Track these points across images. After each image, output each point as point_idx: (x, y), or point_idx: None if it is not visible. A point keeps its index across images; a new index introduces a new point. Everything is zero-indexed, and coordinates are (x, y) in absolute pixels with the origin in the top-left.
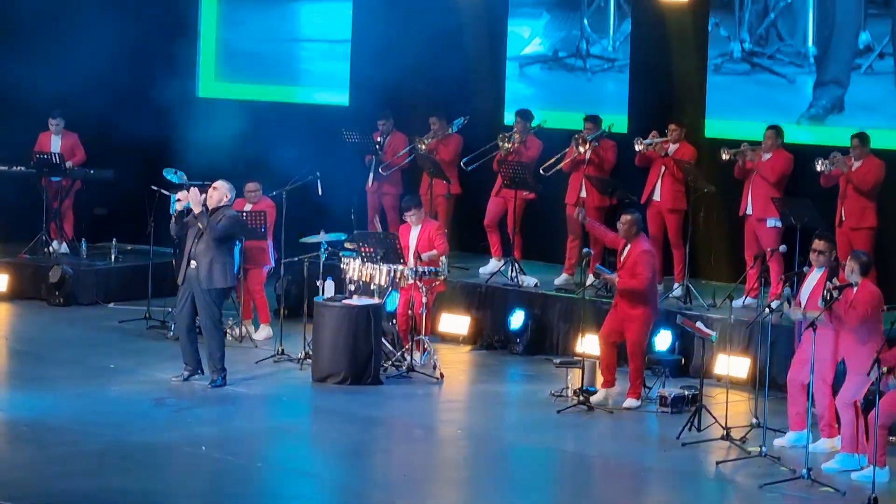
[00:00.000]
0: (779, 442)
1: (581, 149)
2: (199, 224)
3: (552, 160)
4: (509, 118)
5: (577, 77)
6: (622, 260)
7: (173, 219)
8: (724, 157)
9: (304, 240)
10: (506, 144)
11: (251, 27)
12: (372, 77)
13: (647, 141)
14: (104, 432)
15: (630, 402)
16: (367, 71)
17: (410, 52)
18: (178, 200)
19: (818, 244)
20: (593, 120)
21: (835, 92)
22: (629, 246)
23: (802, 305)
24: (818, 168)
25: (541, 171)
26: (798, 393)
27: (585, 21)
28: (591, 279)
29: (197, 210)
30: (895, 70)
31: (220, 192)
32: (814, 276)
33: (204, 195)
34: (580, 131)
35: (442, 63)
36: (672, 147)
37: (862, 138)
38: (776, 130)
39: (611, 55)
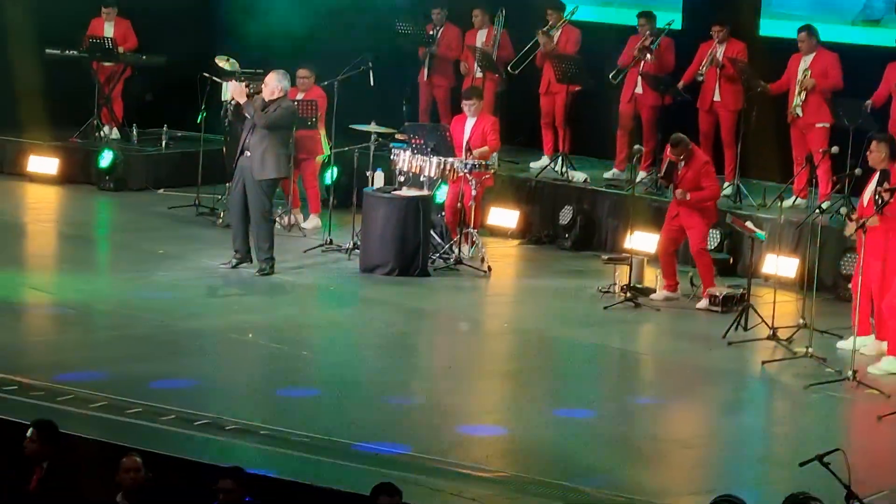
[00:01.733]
0: (842, 345)
1: (648, 56)
2: (247, 114)
3: (615, 72)
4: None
5: None
6: (680, 174)
7: (229, 111)
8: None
9: (353, 126)
10: (544, 38)
11: None
12: None
13: (703, 67)
14: (151, 317)
15: (703, 302)
16: None
17: None
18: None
19: (873, 145)
20: (647, 16)
21: None
22: (685, 165)
23: (865, 206)
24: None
25: (618, 65)
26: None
27: None
28: (641, 175)
29: (242, 100)
30: None
31: (270, 86)
32: (875, 179)
33: (250, 86)
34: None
35: None
36: (719, 49)
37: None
38: (808, 31)
39: None
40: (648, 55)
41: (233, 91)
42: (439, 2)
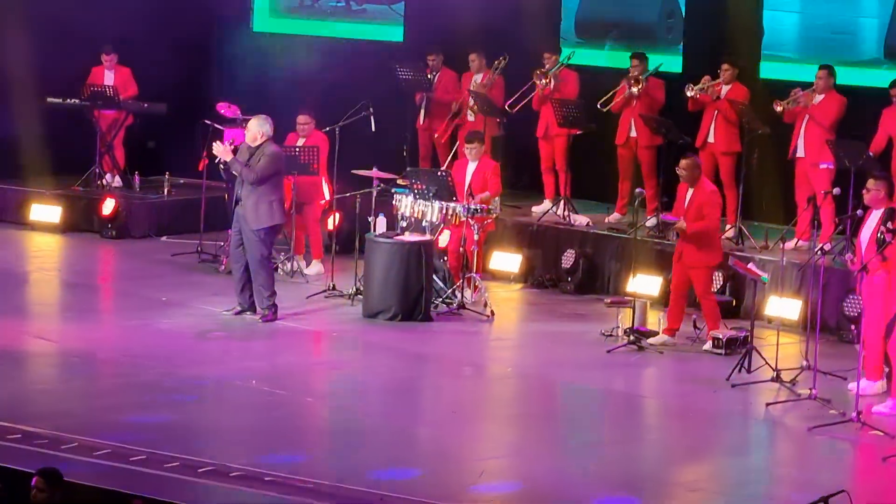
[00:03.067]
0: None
1: (634, 89)
2: (234, 172)
3: (605, 97)
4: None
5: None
6: (686, 204)
7: (221, 167)
8: (778, 109)
9: (355, 171)
10: (542, 81)
11: None
12: (427, 12)
13: (699, 86)
14: (155, 365)
15: (709, 345)
16: (423, 5)
17: None
18: (217, 158)
19: (869, 182)
20: (640, 57)
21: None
22: (692, 189)
23: (863, 248)
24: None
25: (598, 106)
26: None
27: None
28: (643, 218)
29: (228, 158)
30: None
31: (252, 132)
32: (873, 218)
33: (232, 143)
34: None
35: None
36: (724, 89)
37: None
38: (828, 71)
39: None
40: (635, 88)
41: (217, 152)
42: (435, 46)
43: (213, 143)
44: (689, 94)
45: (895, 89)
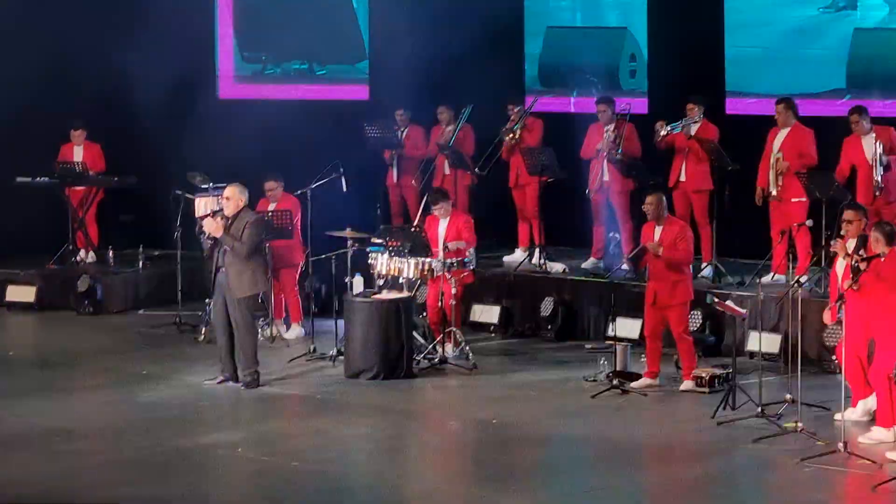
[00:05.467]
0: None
1: (610, 134)
2: (227, 246)
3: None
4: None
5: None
6: (657, 241)
7: (205, 248)
8: (662, 132)
9: (329, 233)
10: (508, 136)
11: (269, 24)
12: (391, 69)
13: (670, 125)
14: (139, 439)
15: (687, 384)
16: (387, 64)
17: (430, 42)
18: (203, 234)
19: (847, 214)
20: (606, 101)
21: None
22: (661, 227)
23: (839, 278)
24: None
25: (581, 156)
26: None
27: None
28: (619, 262)
29: (219, 235)
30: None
31: (233, 200)
32: (850, 248)
33: (220, 215)
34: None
35: (458, 49)
36: (694, 127)
37: (860, 111)
38: (786, 104)
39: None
40: (616, 148)
41: (209, 229)
42: (402, 102)
43: (205, 220)
44: (661, 132)
45: (854, 116)
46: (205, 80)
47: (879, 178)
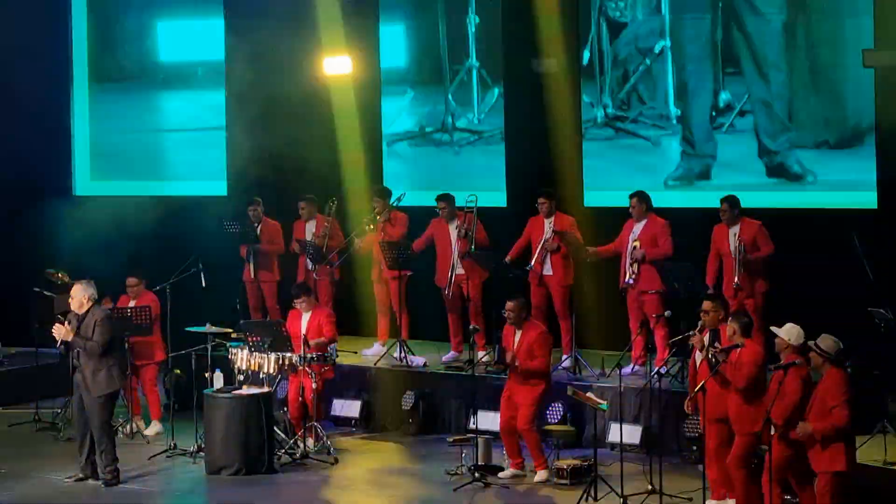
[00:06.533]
0: None
1: (460, 230)
2: (78, 348)
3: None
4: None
5: (444, 151)
6: (516, 345)
7: (60, 350)
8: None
9: (189, 329)
10: (370, 227)
11: (124, 124)
12: (248, 166)
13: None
14: None
15: (541, 474)
16: (243, 160)
17: (284, 138)
18: (56, 339)
19: (705, 304)
20: (446, 198)
21: (700, 153)
22: (521, 331)
23: (697, 368)
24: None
25: (412, 248)
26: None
27: (450, 95)
28: (480, 355)
29: (69, 338)
30: (755, 128)
31: (77, 299)
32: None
33: (68, 318)
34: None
35: (317, 146)
36: (547, 222)
37: (731, 202)
38: (639, 197)
39: (477, 128)
40: (461, 230)
41: (59, 335)
42: (254, 197)
43: (54, 327)
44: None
45: (724, 204)
46: (61, 177)
47: (737, 278)
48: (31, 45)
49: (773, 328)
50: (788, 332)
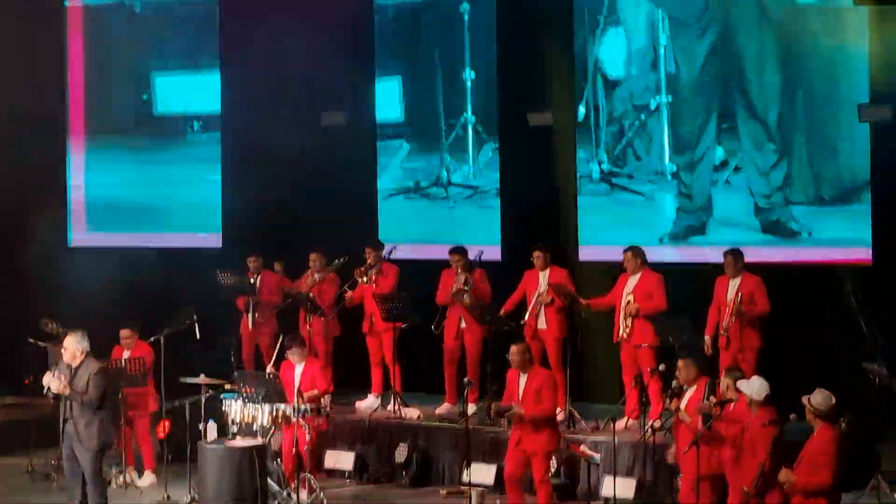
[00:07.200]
0: None
1: (462, 278)
2: (74, 402)
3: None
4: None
5: (438, 206)
6: (521, 390)
7: (51, 396)
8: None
9: (183, 380)
10: (363, 279)
11: (119, 176)
12: (244, 218)
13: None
14: None
15: None
16: (239, 212)
17: (282, 189)
18: (50, 390)
19: (678, 363)
20: (459, 251)
21: (695, 208)
22: (526, 375)
23: (689, 423)
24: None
25: (437, 302)
26: None
27: (445, 150)
28: (472, 408)
29: (66, 392)
30: (748, 185)
31: (70, 351)
32: (690, 394)
33: (62, 372)
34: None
35: (315, 200)
36: (542, 276)
37: (735, 255)
38: (633, 252)
39: (472, 182)
40: (466, 297)
41: (54, 388)
42: (253, 250)
43: (52, 380)
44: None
45: (728, 257)
46: (55, 228)
47: (727, 325)
48: (26, 96)
49: (739, 382)
50: (750, 387)
